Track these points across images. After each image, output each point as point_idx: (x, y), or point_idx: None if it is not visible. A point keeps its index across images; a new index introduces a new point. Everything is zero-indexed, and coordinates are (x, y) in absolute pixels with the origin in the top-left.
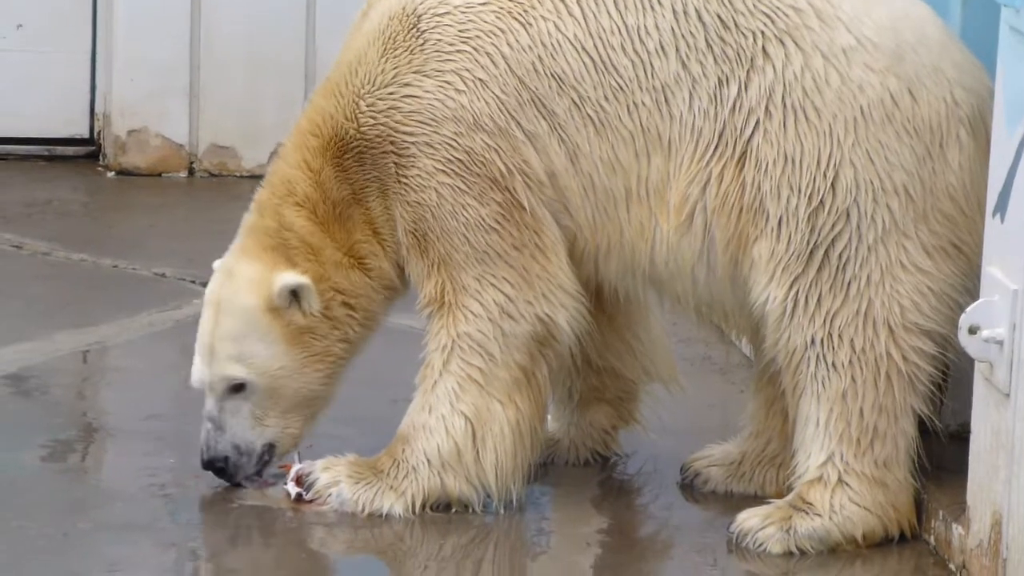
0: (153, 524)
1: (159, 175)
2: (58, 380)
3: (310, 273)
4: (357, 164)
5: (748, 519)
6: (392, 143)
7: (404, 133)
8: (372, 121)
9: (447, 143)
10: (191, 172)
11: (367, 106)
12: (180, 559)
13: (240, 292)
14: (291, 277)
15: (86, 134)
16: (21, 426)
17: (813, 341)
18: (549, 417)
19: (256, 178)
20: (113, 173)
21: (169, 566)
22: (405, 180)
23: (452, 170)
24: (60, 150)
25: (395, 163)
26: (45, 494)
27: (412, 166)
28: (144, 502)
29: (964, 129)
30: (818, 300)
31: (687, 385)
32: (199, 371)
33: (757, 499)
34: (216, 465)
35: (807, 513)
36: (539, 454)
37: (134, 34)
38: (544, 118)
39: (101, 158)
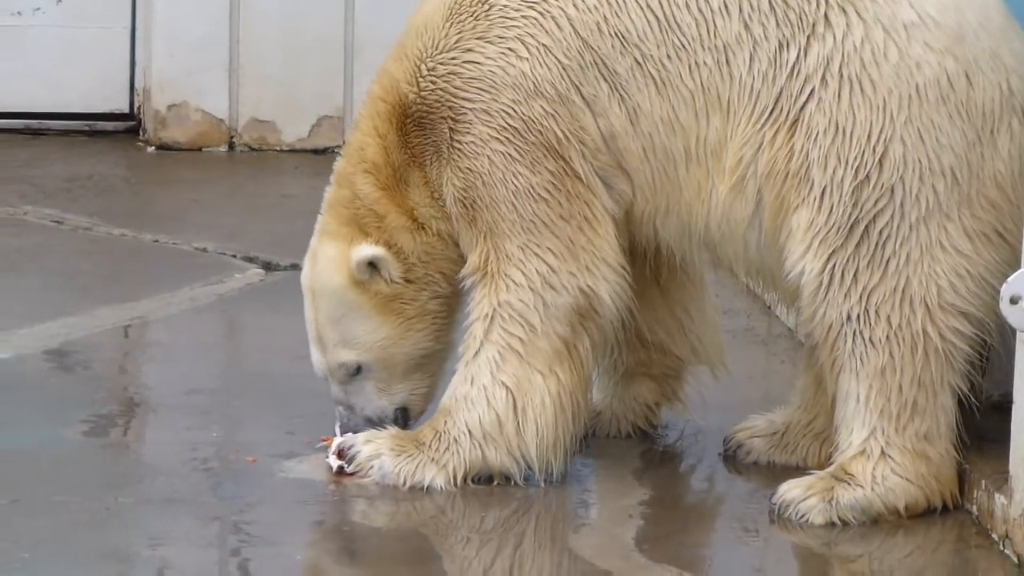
0: (195, 498)
1: (199, 150)
2: (100, 355)
3: (381, 241)
4: (417, 129)
5: (790, 490)
6: (450, 108)
7: (462, 99)
8: (431, 86)
9: (504, 110)
10: (231, 146)
11: (428, 70)
12: (222, 533)
13: (325, 274)
14: (366, 249)
15: (126, 109)
16: (63, 401)
17: (850, 317)
18: (593, 389)
19: (297, 152)
20: (153, 148)
21: (211, 540)
22: (459, 146)
23: (506, 137)
24: (100, 125)
25: (451, 128)
26: (87, 469)
27: (467, 132)
28: (186, 476)
29: (1016, 118)
30: (855, 275)
31: (729, 357)
32: (317, 360)
33: (799, 471)
34: None
35: (849, 484)
36: (582, 426)
37: (173, 8)
38: (605, 79)
39: (141, 133)
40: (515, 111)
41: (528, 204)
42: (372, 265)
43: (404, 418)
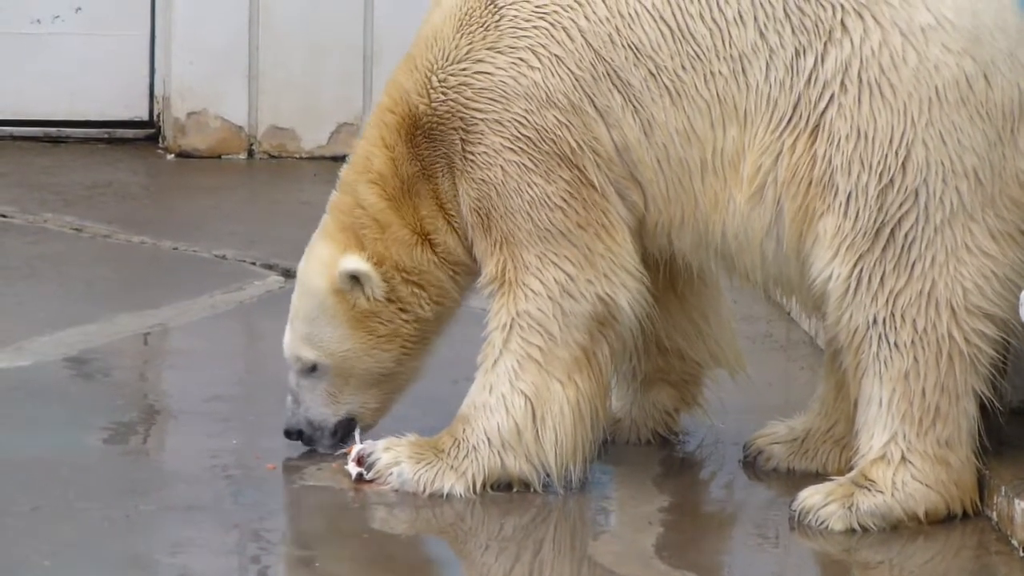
0: (216, 505)
1: (218, 157)
2: (120, 362)
3: (375, 254)
4: (427, 140)
5: (810, 496)
6: (461, 119)
7: (474, 110)
8: (443, 97)
9: (517, 120)
10: (250, 154)
11: (439, 82)
12: (243, 540)
13: (312, 273)
14: (352, 262)
15: (146, 116)
16: (83, 408)
17: (875, 320)
18: (612, 396)
19: (316, 159)
20: (173, 155)
21: (232, 547)
22: (471, 157)
23: (519, 147)
24: (120, 132)
25: (462, 139)
26: (108, 476)
27: (479, 143)
28: (207, 483)
29: None
30: (881, 279)
31: (748, 364)
32: (285, 342)
33: (819, 477)
34: (291, 437)
35: (869, 490)
36: (601, 434)
37: (193, 16)
38: (618, 91)
39: (161, 140)
40: (528, 120)
41: (544, 213)
42: (355, 279)
43: (347, 428)
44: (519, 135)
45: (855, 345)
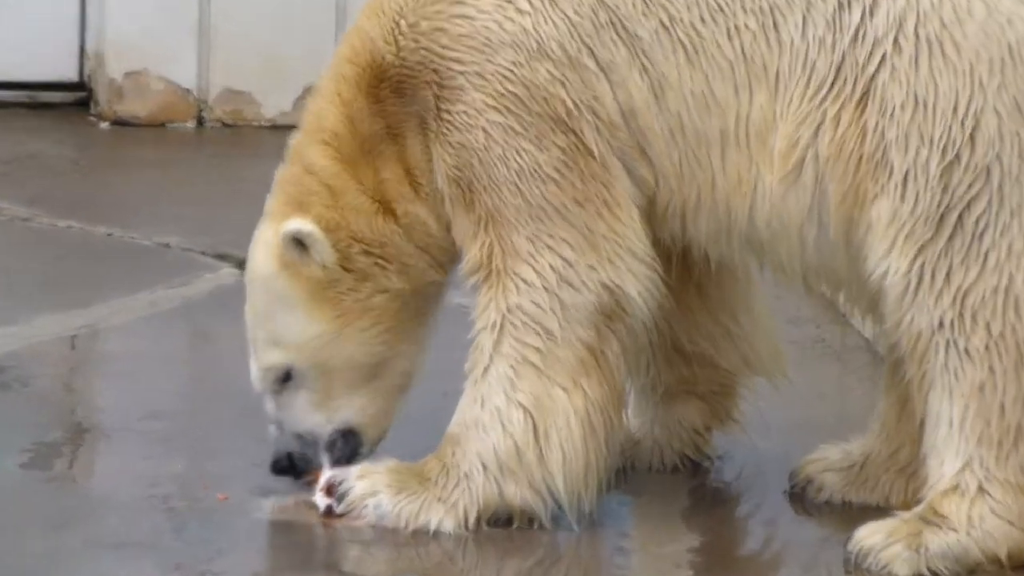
0: (155, 542)
1: (162, 125)
2: (41, 371)
3: (323, 221)
4: (395, 95)
5: (870, 536)
6: (435, 71)
7: (451, 60)
8: (413, 45)
9: (502, 74)
10: (200, 122)
11: (408, 26)
12: None
13: (256, 259)
14: (293, 224)
15: (75, 77)
16: None
17: (942, 323)
18: (628, 411)
19: (279, 129)
20: (107, 123)
21: None
22: (448, 117)
23: (505, 107)
24: (44, 96)
25: (436, 96)
26: (27, 506)
27: (458, 100)
28: (144, 515)
29: None
30: (947, 274)
31: (796, 373)
32: (252, 370)
33: (880, 512)
34: (280, 466)
35: (940, 528)
36: (617, 451)
37: None
38: (624, 44)
39: (92, 106)
40: (515, 75)
41: (535, 186)
42: (302, 244)
43: (348, 442)
44: (505, 92)
45: (919, 353)
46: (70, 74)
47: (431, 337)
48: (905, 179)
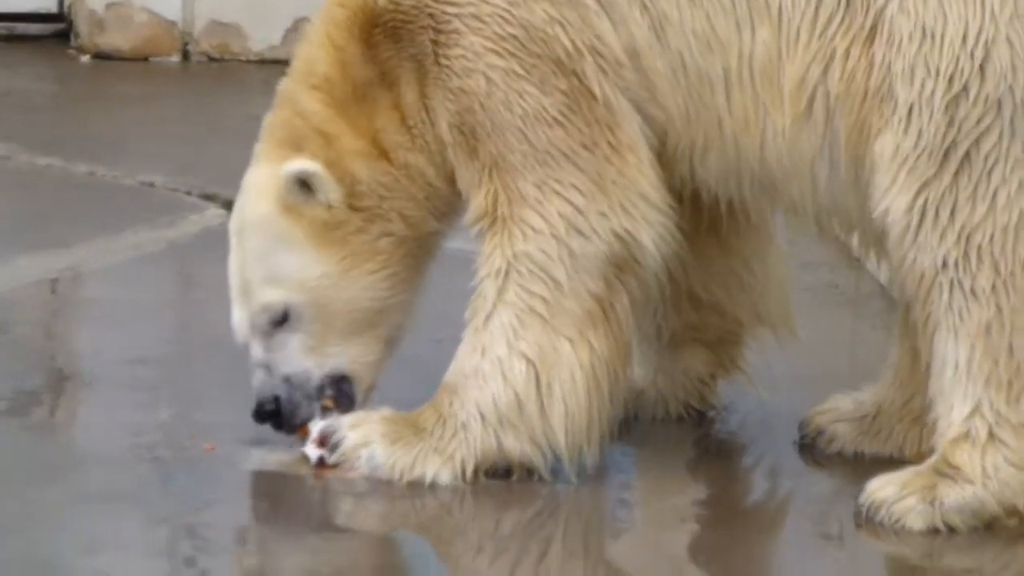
0: (140, 494)
1: (145, 59)
2: (20, 316)
3: (323, 160)
4: (389, 40)
5: (882, 488)
6: (431, 15)
7: (446, 3)
8: None
9: (499, 15)
10: (185, 56)
11: None
12: (173, 537)
13: (251, 202)
14: (297, 164)
15: (54, 8)
16: None
17: (946, 263)
18: (632, 361)
19: (267, 63)
20: (88, 57)
21: (160, 546)
22: (447, 62)
23: (505, 49)
24: (21, 28)
25: (433, 40)
26: (5, 457)
27: (455, 45)
28: (129, 467)
29: None
30: (952, 212)
31: (807, 321)
32: (237, 319)
33: (894, 463)
34: (265, 409)
35: (955, 480)
36: (620, 406)
37: None
38: None
39: (73, 38)
40: (512, 15)
41: (541, 131)
42: (305, 185)
43: (339, 388)
44: (503, 34)
45: (923, 294)
46: (49, 4)
47: (425, 287)
48: (909, 113)
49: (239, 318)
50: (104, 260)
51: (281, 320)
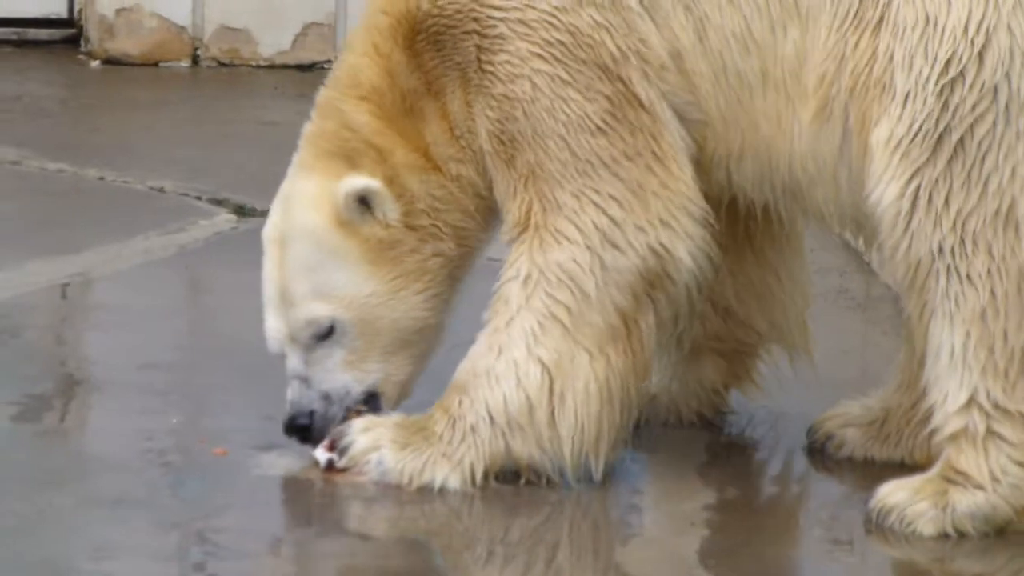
0: (150, 499)
1: (155, 65)
2: (31, 320)
3: (380, 176)
4: (433, 48)
5: (893, 493)
6: (476, 20)
7: (491, 7)
8: None
9: (546, 20)
10: (195, 61)
11: None
12: (183, 543)
13: (300, 214)
14: (357, 181)
15: (64, 13)
16: None
17: (941, 249)
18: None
19: (277, 68)
20: (98, 62)
21: (169, 551)
22: (491, 68)
23: (551, 55)
24: (32, 33)
25: (478, 46)
26: (16, 462)
27: (500, 50)
28: (139, 472)
29: None
30: (946, 198)
31: (818, 326)
32: (272, 328)
33: (903, 468)
34: (298, 423)
35: (965, 486)
36: (632, 422)
37: None
38: None
39: (83, 43)
40: (559, 21)
41: (583, 139)
42: (364, 202)
43: (369, 405)
44: (551, 39)
45: (919, 282)
46: (59, 10)
47: (454, 307)
48: (905, 100)
49: (274, 327)
50: (114, 265)
51: (325, 335)
